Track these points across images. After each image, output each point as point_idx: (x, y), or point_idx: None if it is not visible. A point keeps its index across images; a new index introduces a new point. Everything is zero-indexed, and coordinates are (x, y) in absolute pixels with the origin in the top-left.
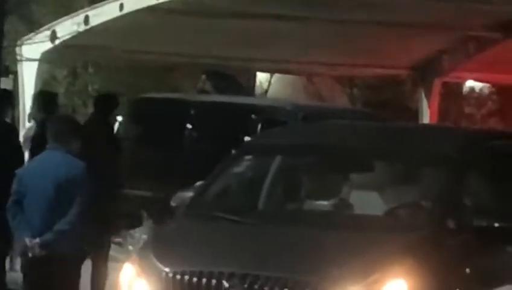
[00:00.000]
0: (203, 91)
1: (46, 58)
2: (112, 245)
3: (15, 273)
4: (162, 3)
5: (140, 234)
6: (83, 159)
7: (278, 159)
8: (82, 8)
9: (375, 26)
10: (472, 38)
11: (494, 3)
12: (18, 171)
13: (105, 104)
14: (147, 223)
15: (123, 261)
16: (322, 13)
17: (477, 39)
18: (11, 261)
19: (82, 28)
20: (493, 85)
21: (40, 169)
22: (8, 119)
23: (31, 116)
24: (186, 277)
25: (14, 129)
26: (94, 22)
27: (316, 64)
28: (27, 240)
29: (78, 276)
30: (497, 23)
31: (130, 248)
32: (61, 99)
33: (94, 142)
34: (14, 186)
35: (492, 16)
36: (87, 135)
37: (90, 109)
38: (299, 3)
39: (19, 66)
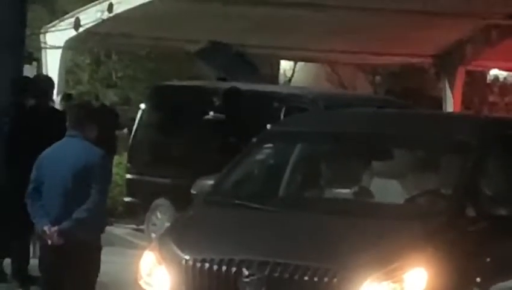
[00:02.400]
0: (220, 78)
1: (70, 46)
2: (134, 232)
3: (36, 259)
4: None
5: (163, 222)
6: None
7: (298, 147)
8: None
9: (398, 14)
10: (495, 26)
11: None
12: (37, 159)
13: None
14: (169, 211)
15: (144, 248)
16: (345, 1)
17: (500, 27)
18: (33, 248)
19: (106, 15)
20: None
21: (58, 156)
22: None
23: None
24: (206, 265)
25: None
26: (118, 9)
27: (339, 52)
28: (46, 228)
29: (97, 263)
30: None
31: (153, 235)
32: (85, 87)
33: None
34: (33, 173)
35: None
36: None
37: (113, 97)
38: None
39: (42, 53)
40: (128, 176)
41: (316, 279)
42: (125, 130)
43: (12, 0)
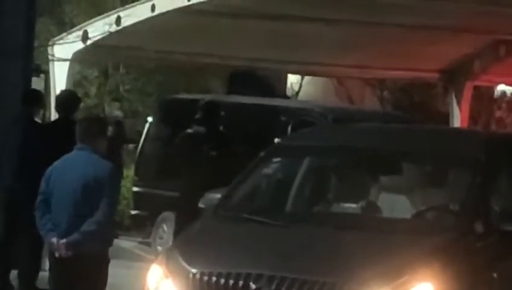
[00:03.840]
0: (231, 92)
1: (78, 58)
2: (140, 245)
3: (44, 272)
4: (193, 4)
5: (169, 235)
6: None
7: (306, 161)
8: (114, 8)
9: (406, 29)
10: (503, 42)
11: None
12: (46, 171)
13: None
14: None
15: (151, 262)
16: (353, 16)
17: (507, 43)
18: (41, 260)
19: (113, 28)
20: None
21: (67, 169)
22: (37, 119)
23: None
24: (214, 278)
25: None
26: (126, 22)
27: (347, 66)
28: (54, 240)
29: (105, 276)
30: None
31: (159, 248)
32: (92, 100)
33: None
34: (42, 186)
35: None
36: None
37: (121, 110)
38: (330, 5)
39: (50, 65)
40: (135, 189)
41: None
42: (130, 146)
43: (21, 12)
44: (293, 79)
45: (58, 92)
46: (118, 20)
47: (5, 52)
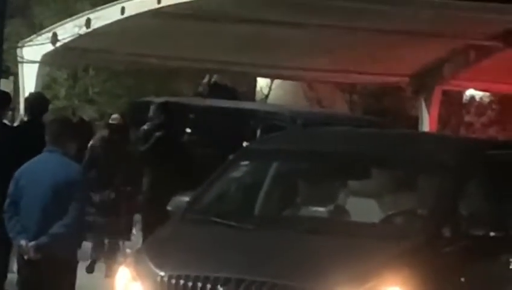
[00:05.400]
0: (198, 94)
1: (47, 61)
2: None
3: (12, 274)
4: (163, 7)
5: (138, 237)
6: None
7: (275, 165)
8: (84, 11)
9: (375, 33)
10: (473, 47)
11: (495, 12)
12: (15, 173)
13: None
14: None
15: (119, 264)
16: (324, 20)
17: (477, 48)
18: (9, 263)
19: (83, 30)
20: (493, 94)
21: (37, 171)
22: (6, 121)
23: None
24: (182, 281)
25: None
26: (95, 24)
27: (317, 70)
28: (23, 243)
29: (74, 279)
30: (497, 32)
31: (128, 251)
32: (61, 102)
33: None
34: (11, 188)
35: (493, 25)
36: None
37: (90, 112)
38: (300, 10)
39: (19, 67)
40: None
41: None
42: None
43: None
44: (262, 83)
45: (27, 94)
46: (88, 23)
47: None
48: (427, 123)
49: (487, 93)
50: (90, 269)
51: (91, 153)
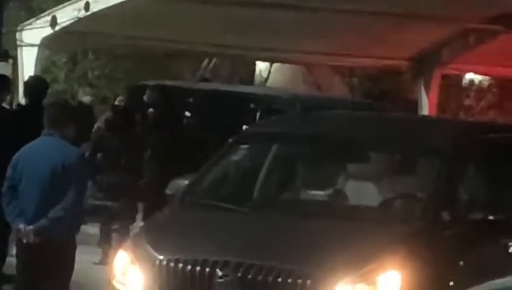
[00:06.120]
0: (204, 79)
1: (46, 44)
2: None
3: (11, 258)
4: None
5: (137, 221)
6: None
7: (274, 149)
8: None
9: (375, 16)
10: (472, 30)
11: None
12: (13, 157)
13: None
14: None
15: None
16: (322, 3)
17: (477, 31)
18: (8, 246)
19: (82, 14)
20: (493, 78)
21: (35, 155)
22: (5, 105)
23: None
24: (180, 265)
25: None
26: (94, 8)
27: (316, 54)
28: (21, 227)
29: (72, 263)
30: (498, 16)
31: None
32: (61, 85)
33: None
34: (9, 171)
35: (494, 8)
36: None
37: (89, 95)
38: None
39: (18, 51)
40: None
41: (289, 280)
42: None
43: None
44: (261, 66)
45: (26, 77)
46: (87, 6)
47: None
48: (426, 107)
49: (487, 77)
50: (103, 262)
51: (96, 135)
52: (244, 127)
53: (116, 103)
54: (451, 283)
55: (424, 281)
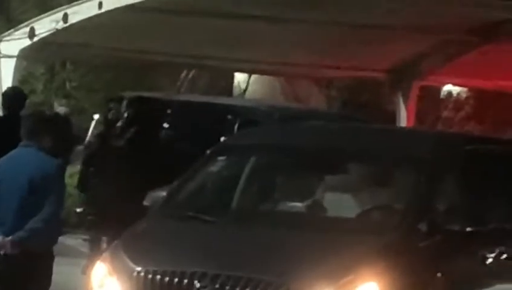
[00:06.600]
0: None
1: (24, 55)
2: (86, 242)
3: None
4: (141, 2)
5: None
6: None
7: (252, 160)
8: (61, 5)
9: (353, 28)
10: (451, 42)
11: (472, 7)
12: None
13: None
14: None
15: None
16: (300, 14)
17: (456, 43)
18: None
19: (61, 25)
20: (471, 89)
21: (12, 166)
22: None
23: None
24: (158, 276)
25: None
26: (73, 19)
27: (294, 65)
28: None
29: (50, 274)
30: (476, 28)
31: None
32: (38, 97)
33: None
34: None
35: (472, 20)
36: None
37: (67, 107)
38: (278, 4)
39: None
40: None
41: None
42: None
43: None
44: (240, 78)
45: (4, 88)
46: (65, 17)
47: None
48: (404, 118)
49: (465, 89)
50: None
51: (88, 149)
52: (222, 138)
53: (110, 116)
54: None
55: None
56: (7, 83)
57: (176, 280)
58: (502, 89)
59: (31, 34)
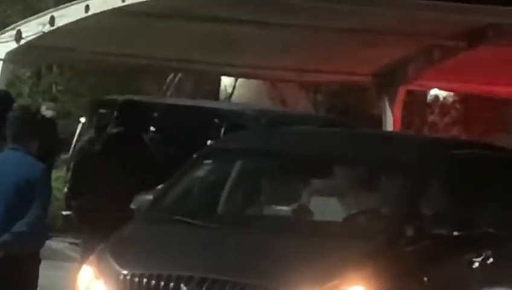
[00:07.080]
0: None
1: (11, 59)
2: (72, 246)
3: None
4: (128, 5)
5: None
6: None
7: (238, 164)
8: (48, 8)
9: (340, 32)
10: (437, 46)
11: (458, 12)
12: None
13: None
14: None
15: (82, 263)
16: (286, 19)
17: (442, 48)
18: None
19: (47, 28)
20: (457, 94)
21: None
22: None
23: None
24: (144, 280)
25: None
26: (60, 22)
27: (280, 69)
28: None
29: (36, 277)
30: (462, 32)
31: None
32: (25, 100)
33: None
34: None
35: (457, 25)
36: None
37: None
38: (264, 8)
39: None
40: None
41: None
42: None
43: None
44: (226, 81)
45: None
46: (52, 20)
47: None
48: (390, 123)
49: (451, 93)
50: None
51: (80, 155)
52: (209, 142)
53: (100, 120)
54: None
55: None
56: None
57: (162, 283)
58: (488, 94)
59: (18, 37)
